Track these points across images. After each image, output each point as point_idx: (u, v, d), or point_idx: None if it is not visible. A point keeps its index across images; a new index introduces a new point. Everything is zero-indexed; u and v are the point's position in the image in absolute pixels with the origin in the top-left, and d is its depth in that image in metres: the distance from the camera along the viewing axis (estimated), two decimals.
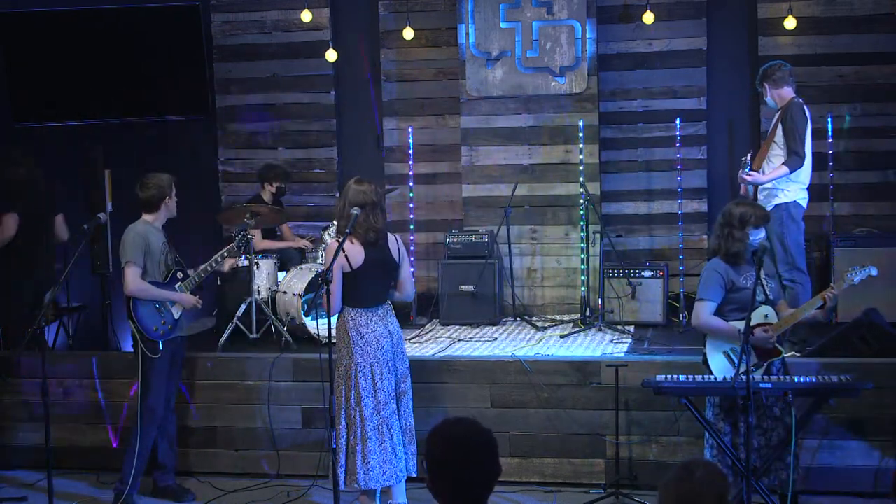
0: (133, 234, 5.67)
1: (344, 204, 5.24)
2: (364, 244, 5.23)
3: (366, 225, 5.21)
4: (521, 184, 7.94)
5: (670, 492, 2.57)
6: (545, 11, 7.94)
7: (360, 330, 5.26)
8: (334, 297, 5.16)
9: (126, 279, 5.62)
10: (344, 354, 5.28)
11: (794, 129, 6.25)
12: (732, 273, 5.06)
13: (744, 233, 5.02)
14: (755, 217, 5.04)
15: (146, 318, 5.68)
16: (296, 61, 8.79)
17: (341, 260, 5.14)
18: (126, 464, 5.75)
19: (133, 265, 5.61)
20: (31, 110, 9.06)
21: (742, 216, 5.03)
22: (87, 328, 8.60)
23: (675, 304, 7.61)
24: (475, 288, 7.64)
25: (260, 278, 7.12)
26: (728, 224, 5.07)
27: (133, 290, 5.62)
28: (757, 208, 5.15)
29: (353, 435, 5.24)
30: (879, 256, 6.90)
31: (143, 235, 5.67)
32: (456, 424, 2.86)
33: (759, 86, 6.54)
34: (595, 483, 5.97)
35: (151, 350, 5.70)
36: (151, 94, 8.95)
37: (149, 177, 5.81)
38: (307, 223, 8.73)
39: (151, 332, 5.70)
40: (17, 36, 8.93)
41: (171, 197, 5.81)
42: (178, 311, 5.83)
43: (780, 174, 6.23)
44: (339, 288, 5.19)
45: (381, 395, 5.27)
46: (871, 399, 5.35)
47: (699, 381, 4.97)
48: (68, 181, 8.78)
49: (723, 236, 5.09)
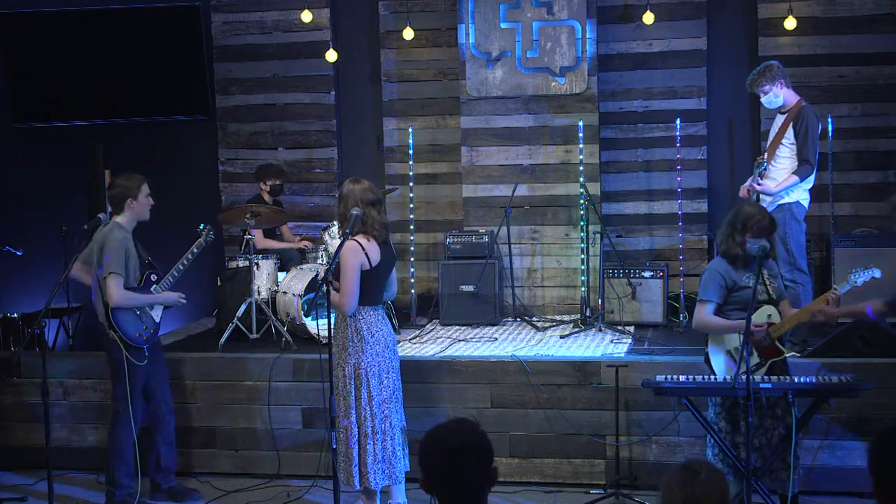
0: (115, 243, 5.51)
1: (355, 203, 5.18)
2: (379, 242, 5.25)
3: (380, 221, 5.24)
4: (521, 184, 7.94)
5: (675, 494, 2.56)
6: (545, 11, 7.94)
7: (371, 328, 5.25)
8: (353, 296, 5.12)
9: (110, 291, 5.49)
10: (353, 353, 5.24)
11: (809, 136, 6.23)
12: (734, 272, 5.06)
13: (743, 238, 5.01)
14: (758, 227, 5.00)
15: (127, 325, 5.59)
16: (296, 61, 8.79)
17: (362, 258, 5.14)
18: (115, 468, 5.70)
19: (116, 275, 5.49)
20: (32, 110, 9.07)
21: (746, 220, 5.01)
22: (88, 328, 8.61)
23: (676, 304, 7.61)
24: (475, 288, 7.64)
25: (260, 278, 7.12)
26: (732, 225, 5.06)
27: (118, 300, 5.51)
28: (764, 217, 5.09)
29: (364, 434, 5.24)
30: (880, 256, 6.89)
31: (123, 243, 5.54)
32: (449, 426, 2.85)
33: (766, 85, 6.33)
34: (595, 483, 5.97)
35: (137, 357, 5.62)
36: (152, 94, 8.96)
37: (118, 175, 5.73)
38: (307, 223, 8.73)
39: (135, 339, 5.62)
40: (17, 36, 8.94)
41: (135, 199, 5.63)
42: (158, 313, 5.77)
43: (791, 184, 6.25)
44: (357, 287, 5.16)
45: (386, 392, 5.28)
46: (871, 399, 5.35)
47: (699, 381, 4.96)
48: (68, 181, 8.80)
49: (726, 236, 5.07)
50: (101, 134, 8.77)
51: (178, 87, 8.90)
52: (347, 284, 5.09)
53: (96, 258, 5.59)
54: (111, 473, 5.75)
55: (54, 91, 9.00)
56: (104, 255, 5.52)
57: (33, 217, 9.13)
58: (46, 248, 8.70)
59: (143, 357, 5.66)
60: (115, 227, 5.62)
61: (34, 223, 9.08)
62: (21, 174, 9.23)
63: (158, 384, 5.87)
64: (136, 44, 8.84)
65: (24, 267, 8.91)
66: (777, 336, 5.02)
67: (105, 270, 5.51)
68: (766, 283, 5.01)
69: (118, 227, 5.61)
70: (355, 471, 5.23)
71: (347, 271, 5.10)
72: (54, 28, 8.89)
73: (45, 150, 9.22)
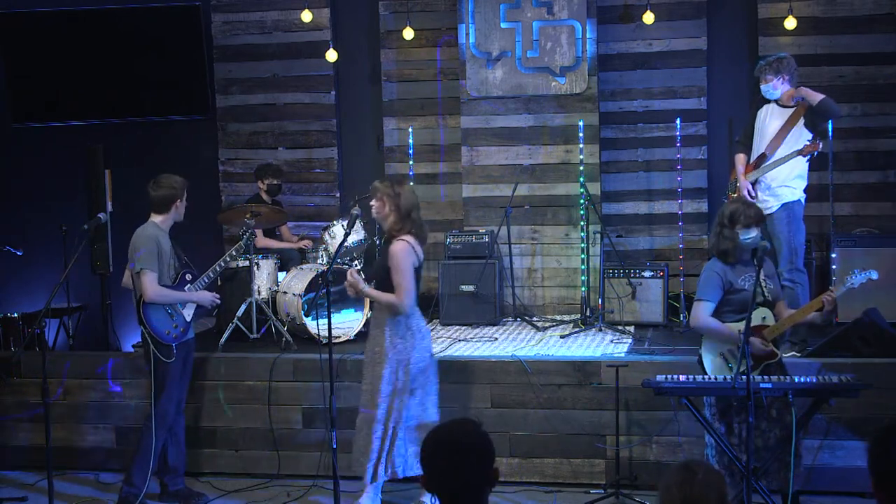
0: (145, 239, 5.60)
1: (410, 206, 5.29)
2: (422, 242, 5.38)
3: (421, 223, 5.36)
4: (521, 184, 7.94)
5: (674, 494, 2.56)
6: (545, 11, 7.94)
7: (420, 325, 5.39)
8: (412, 294, 5.25)
9: (144, 286, 5.55)
10: (402, 350, 5.29)
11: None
12: (731, 274, 5.06)
13: (733, 231, 5.02)
14: (745, 216, 5.03)
15: (158, 322, 5.65)
16: (296, 61, 8.79)
17: (413, 258, 5.26)
18: (137, 467, 5.69)
19: (149, 271, 5.56)
20: (31, 110, 9.06)
21: (732, 214, 5.05)
22: (88, 328, 8.61)
23: (676, 304, 7.61)
24: (475, 288, 7.64)
25: (260, 278, 7.12)
26: (720, 223, 5.11)
27: (153, 296, 5.58)
28: (749, 207, 5.13)
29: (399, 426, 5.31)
30: (879, 257, 6.91)
31: (155, 239, 5.62)
32: (451, 426, 2.86)
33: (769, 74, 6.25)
34: (595, 483, 5.97)
35: (166, 355, 5.67)
36: (152, 93, 8.95)
37: (163, 176, 5.77)
38: (307, 223, 8.73)
39: (165, 337, 5.67)
40: (17, 36, 8.94)
41: (182, 200, 5.78)
42: (189, 313, 5.81)
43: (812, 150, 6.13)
44: (414, 285, 5.28)
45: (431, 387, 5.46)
46: (871, 399, 5.35)
47: (699, 381, 4.97)
48: (68, 181, 8.80)
49: (715, 234, 5.12)
50: (100, 134, 8.76)
51: (178, 87, 8.90)
52: (407, 283, 5.20)
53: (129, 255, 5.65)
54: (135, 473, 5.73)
55: (54, 91, 8.99)
56: (135, 252, 5.60)
57: (33, 217, 9.12)
58: (46, 248, 8.69)
59: (172, 354, 5.69)
60: (149, 225, 5.71)
61: (34, 223, 9.07)
62: (21, 174, 9.22)
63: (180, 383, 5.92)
64: (136, 44, 8.83)
65: (24, 267, 8.90)
66: (771, 338, 5.02)
67: (136, 266, 5.58)
68: (761, 285, 5.01)
69: (153, 226, 5.71)
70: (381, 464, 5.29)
71: (405, 271, 5.21)
72: (54, 28, 8.88)
73: (45, 150, 9.21)
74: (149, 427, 5.67)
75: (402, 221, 5.29)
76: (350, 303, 7.24)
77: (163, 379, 5.68)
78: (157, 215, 5.74)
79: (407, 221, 5.28)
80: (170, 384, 5.72)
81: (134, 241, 5.65)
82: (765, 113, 6.40)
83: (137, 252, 5.58)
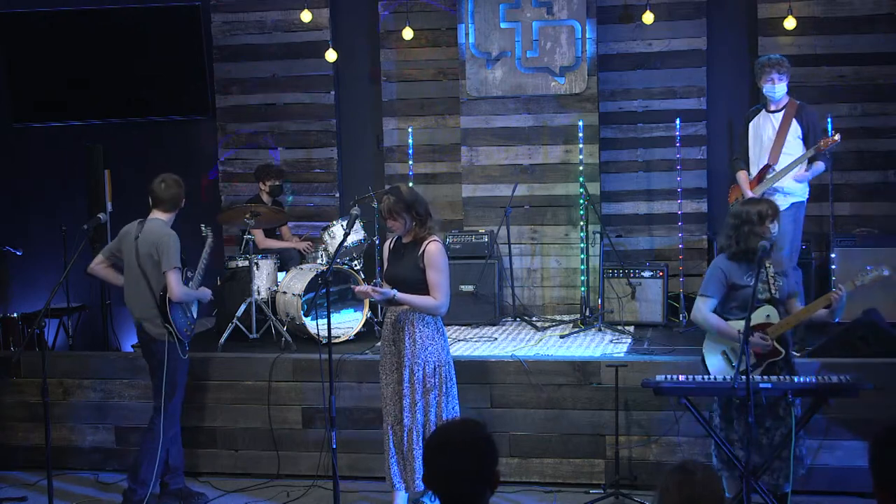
0: (170, 238, 5.59)
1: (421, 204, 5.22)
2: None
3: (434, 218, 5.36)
4: (521, 184, 7.94)
5: (673, 495, 2.55)
6: (545, 11, 7.94)
7: (442, 325, 5.36)
8: (449, 294, 5.20)
9: (171, 285, 5.54)
10: (433, 352, 5.21)
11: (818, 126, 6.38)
12: (735, 271, 5.05)
13: (765, 227, 5.00)
14: (772, 211, 5.05)
15: (180, 320, 5.67)
16: (296, 61, 8.78)
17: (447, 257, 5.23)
18: (145, 466, 5.66)
19: (177, 270, 5.57)
20: (32, 110, 9.06)
21: (761, 213, 5.01)
22: (88, 328, 8.61)
23: (675, 304, 7.61)
24: (475, 288, 7.65)
25: (260, 278, 7.12)
26: (747, 222, 5.01)
27: (179, 295, 5.59)
28: (770, 204, 5.13)
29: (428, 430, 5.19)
30: (879, 257, 6.90)
31: (176, 238, 5.64)
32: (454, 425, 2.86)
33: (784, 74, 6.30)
34: (595, 483, 5.97)
35: (183, 352, 5.71)
36: (152, 94, 8.96)
37: (169, 175, 5.76)
38: (307, 223, 8.73)
39: (184, 334, 5.70)
40: (17, 36, 8.94)
41: (185, 199, 5.81)
42: (196, 310, 5.87)
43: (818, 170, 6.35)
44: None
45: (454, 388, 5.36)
46: (871, 399, 5.34)
47: (699, 381, 4.96)
48: (68, 181, 8.80)
49: (741, 235, 5.03)
50: (100, 134, 8.76)
51: (177, 86, 8.90)
52: (446, 283, 5.15)
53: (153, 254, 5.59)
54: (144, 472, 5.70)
55: (54, 91, 8.99)
56: (165, 251, 5.55)
57: (33, 217, 9.13)
58: (46, 248, 8.70)
59: (185, 351, 5.74)
60: (162, 223, 5.70)
61: (34, 223, 9.08)
62: (21, 174, 9.22)
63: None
64: (136, 44, 8.84)
65: (24, 267, 8.91)
66: (775, 336, 5.01)
67: (164, 265, 5.55)
68: (768, 282, 5.00)
69: (165, 224, 5.70)
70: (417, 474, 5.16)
71: (444, 271, 5.16)
72: (54, 28, 8.89)
73: (45, 150, 9.21)
74: (157, 425, 5.67)
75: (425, 223, 5.22)
76: (349, 303, 7.25)
77: (177, 377, 5.70)
78: (163, 213, 5.73)
79: (428, 220, 5.22)
80: (181, 382, 5.76)
81: (157, 239, 5.59)
82: (756, 122, 6.50)
83: (168, 252, 5.54)
